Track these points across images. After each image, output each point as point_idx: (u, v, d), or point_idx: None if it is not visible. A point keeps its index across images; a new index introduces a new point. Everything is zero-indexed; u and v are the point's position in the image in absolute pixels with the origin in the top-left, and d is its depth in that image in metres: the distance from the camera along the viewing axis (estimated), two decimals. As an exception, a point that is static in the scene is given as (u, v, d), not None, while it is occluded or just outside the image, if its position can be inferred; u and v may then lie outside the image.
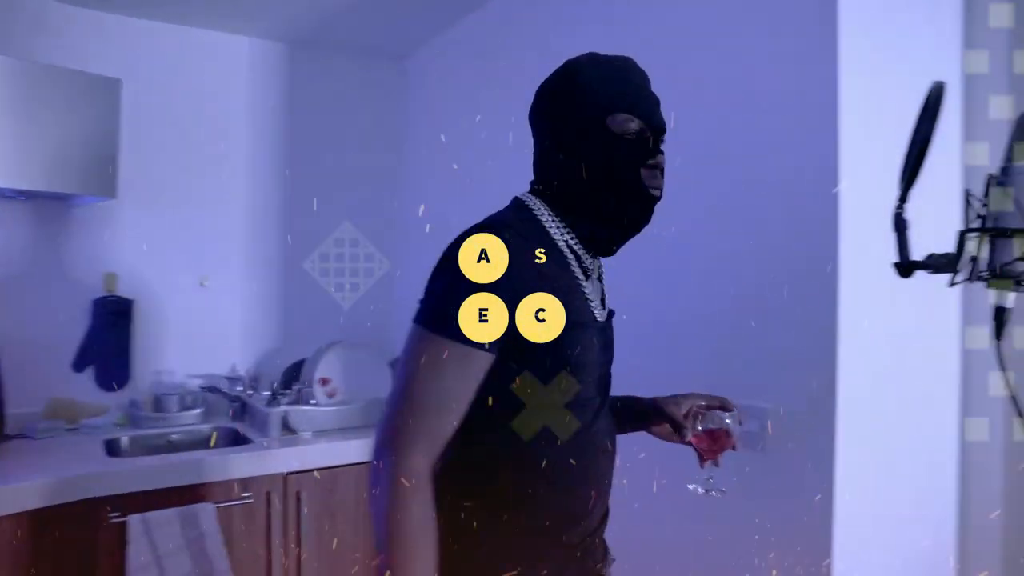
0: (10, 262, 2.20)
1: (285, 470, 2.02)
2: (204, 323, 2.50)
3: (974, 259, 0.81)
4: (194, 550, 1.84)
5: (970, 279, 0.80)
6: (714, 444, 1.11)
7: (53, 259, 2.27)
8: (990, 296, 0.81)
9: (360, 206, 2.72)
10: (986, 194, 0.81)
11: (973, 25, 1.43)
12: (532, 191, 1.04)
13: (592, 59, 1.03)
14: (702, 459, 1.13)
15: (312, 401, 2.23)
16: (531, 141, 1.06)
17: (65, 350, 2.29)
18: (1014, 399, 0.82)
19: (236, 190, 2.57)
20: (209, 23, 2.45)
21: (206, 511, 1.87)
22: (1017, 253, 0.78)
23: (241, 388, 2.38)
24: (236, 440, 2.24)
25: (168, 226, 2.43)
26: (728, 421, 1.11)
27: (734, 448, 1.12)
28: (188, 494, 1.88)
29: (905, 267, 0.84)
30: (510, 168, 1.31)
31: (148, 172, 2.37)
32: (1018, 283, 0.79)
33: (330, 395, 2.28)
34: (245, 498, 1.96)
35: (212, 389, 2.35)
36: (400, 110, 2.84)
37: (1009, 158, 0.80)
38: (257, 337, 2.60)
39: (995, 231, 0.79)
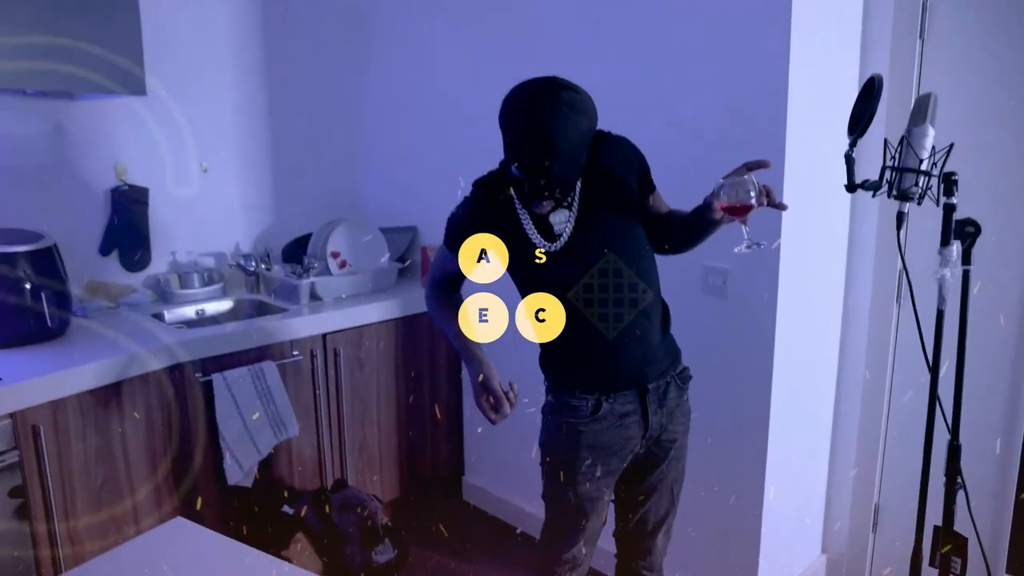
0: (32, 153, 2.33)
1: (324, 331, 2.44)
2: (207, 207, 2.74)
3: (889, 183, 1.37)
4: (264, 399, 2.27)
5: (887, 195, 1.37)
6: (738, 208, 1.27)
7: (66, 151, 2.41)
8: (896, 206, 1.39)
9: (324, 109, 3.01)
10: (899, 143, 1.36)
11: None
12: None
13: (508, 98, 1.32)
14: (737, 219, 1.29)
15: (328, 273, 2.61)
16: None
17: (88, 237, 2.49)
18: (905, 271, 1.43)
19: (225, 86, 2.74)
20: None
21: (270, 367, 2.28)
22: (911, 182, 1.35)
23: (254, 264, 2.70)
24: (261, 309, 2.60)
25: (166, 119, 2.59)
26: (745, 187, 1.25)
27: (761, 204, 1.26)
28: (252, 355, 2.27)
29: (851, 187, 1.40)
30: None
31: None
32: (910, 198, 1.36)
33: (341, 266, 2.66)
34: (295, 356, 2.37)
35: (237, 265, 2.66)
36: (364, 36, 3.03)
37: (908, 127, 1.36)
38: (254, 218, 2.88)
39: (902, 169, 1.35)
